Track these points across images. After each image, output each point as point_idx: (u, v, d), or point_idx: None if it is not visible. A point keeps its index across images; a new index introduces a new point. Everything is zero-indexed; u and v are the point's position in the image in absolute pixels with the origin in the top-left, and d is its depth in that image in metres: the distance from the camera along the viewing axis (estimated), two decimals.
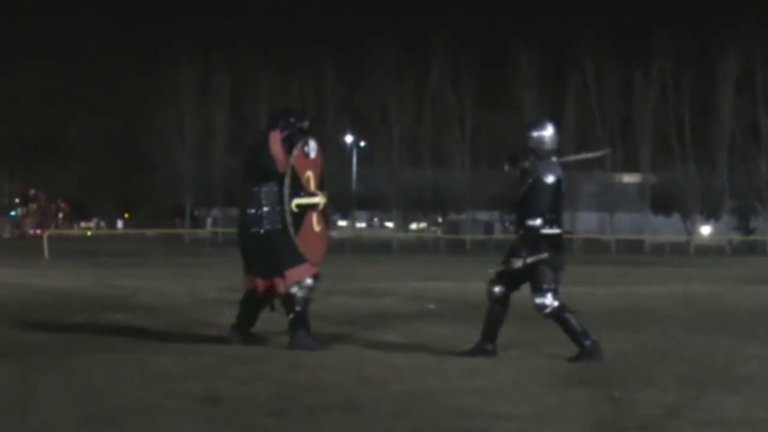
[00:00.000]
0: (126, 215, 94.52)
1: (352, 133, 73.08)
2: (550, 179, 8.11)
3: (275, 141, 8.58)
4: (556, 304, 8.00)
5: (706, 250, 63.93)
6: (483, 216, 78.26)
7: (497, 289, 8.23)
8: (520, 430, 5.37)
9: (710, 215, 71.75)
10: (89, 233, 73.46)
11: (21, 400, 5.95)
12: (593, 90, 69.66)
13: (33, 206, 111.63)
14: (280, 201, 8.52)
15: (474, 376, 7.08)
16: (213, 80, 72.82)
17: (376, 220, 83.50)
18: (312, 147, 8.79)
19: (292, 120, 8.77)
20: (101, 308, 12.47)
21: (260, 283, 8.63)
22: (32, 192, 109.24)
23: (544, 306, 7.99)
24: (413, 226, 80.00)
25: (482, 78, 70.71)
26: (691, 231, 69.49)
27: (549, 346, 8.68)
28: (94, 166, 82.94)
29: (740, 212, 73.26)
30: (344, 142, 72.69)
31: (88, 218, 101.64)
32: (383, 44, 69.53)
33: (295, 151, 8.58)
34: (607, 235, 66.86)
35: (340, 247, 55.04)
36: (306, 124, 8.85)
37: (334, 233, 70.84)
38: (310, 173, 8.77)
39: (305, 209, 8.67)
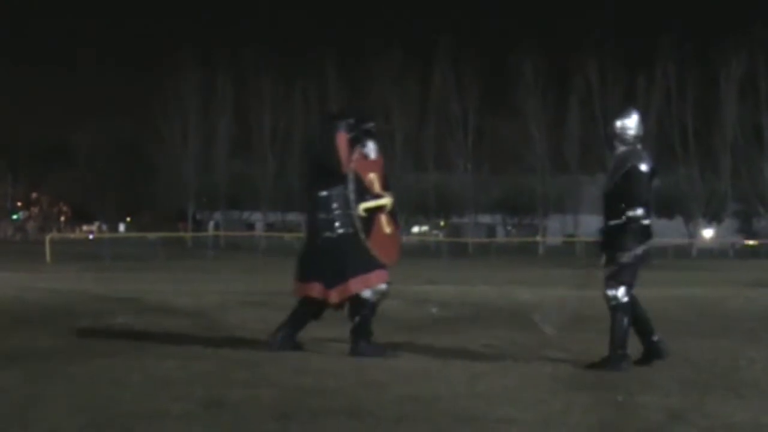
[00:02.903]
0: (128, 219, 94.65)
1: None
2: (644, 167, 7.91)
3: (341, 142, 8.40)
4: (625, 300, 7.81)
5: (709, 253, 63.88)
6: (485, 219, 78.34)
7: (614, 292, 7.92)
8: None
9: (713, 219, 71.77)
10: (91, 237, 73.51)
11: (24, 406, 5.94)
12: (596, 94, 69.66)
13: (35, 210, 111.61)
14: (349, 204, 8.39)
15: (477, 381, 7.08)
16: (216, 85, 72.95)
17: None
18: (371, 148, 8.66)
19: (355, 122, 8.67)
20: (104, 313, 12.47)
21: (320, 291, 8.36)
22: (34, 195, 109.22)
23: (614, 297, 7.81)
24: (415, 229, 79.95)
25: (485, 82, 70.85)
26: (694, 234, 69.48)
27: (552, 351, 8.68)
28: (97, 170, 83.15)
29: (743, 216, 73.32)
30: None
31: (90, 222, 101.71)
32: (386, 48, 69.71)
33: (355, 155, 8.48)
34: None
35: None
36: (371, 125, 8.74)
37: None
38: (373, 175, 8.66)
39: (374, 212, 8.58)
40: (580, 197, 66.04)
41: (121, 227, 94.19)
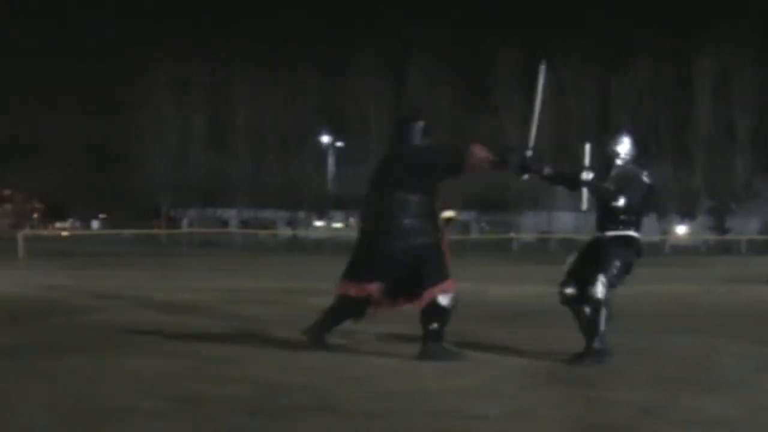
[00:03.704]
0: (102, 216, 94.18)
1: (330, 134, 72.92)
2: (646, 179, 8.17)
3: (480, 150, 8.67)
4: (605, 298, 7.78)
5: (682, 249, 64.23)
6: (460, 216, 78.48)
7: (569, 290, 8.05)
8: (495, 431, 5.39)
9: (686, 215, 72.11)
10: (64, 233, 73.04)
11: None
12: (571, 89, 69.79)
13: (7, 207, 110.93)
14: (432, 212, 8.29)
15: (450, 377, 7.10)
16: (191, 81, 72.57)
17: (351, 220, 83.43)
18: None
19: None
20: (77, 310, 12.40)
21: (378, 293, 8.23)
22: (7, 192, 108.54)
23: (596, 293, 7.80)
24: None
25: (461, 78, 70.73)
26: (667, 231, 69.80)
27: (525, 347, 8.72)
28: (70, 167, 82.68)
29: (716, 212, 73.74)
30: (321, 143, 72.68)
31: (63, 219, 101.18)
32: (362, 44, 69.65)
33: None
34: (583, 235, 66.91)
35: (317, 247, 55.11)
36: None
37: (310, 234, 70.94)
38: None
39: (446, 223, 8.56)
40: (555, 194, 66.12)
41: (95, 224, 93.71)
